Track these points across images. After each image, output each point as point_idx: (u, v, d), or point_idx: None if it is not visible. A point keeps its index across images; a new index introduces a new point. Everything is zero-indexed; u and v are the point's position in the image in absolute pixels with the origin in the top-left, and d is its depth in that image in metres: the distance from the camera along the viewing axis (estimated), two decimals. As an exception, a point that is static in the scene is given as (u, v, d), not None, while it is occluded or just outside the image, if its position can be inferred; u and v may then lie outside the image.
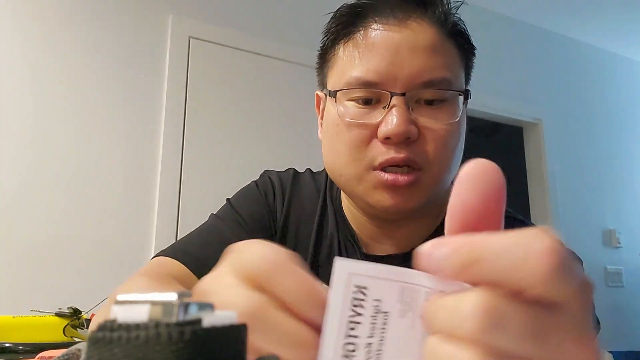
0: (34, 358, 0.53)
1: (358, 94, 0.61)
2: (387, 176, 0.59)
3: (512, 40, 3.22)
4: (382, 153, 0.59)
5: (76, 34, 2.01)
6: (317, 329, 0.24)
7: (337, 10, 0.66)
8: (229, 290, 0.25)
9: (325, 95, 0.67)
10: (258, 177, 0.78)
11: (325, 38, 0.67)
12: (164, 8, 2.19)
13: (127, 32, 2.10)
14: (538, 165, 3.17)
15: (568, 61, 3.45)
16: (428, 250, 0.23)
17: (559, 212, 3.07)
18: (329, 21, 0.67)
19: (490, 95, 2.99)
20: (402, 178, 0.59)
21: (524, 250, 0.20)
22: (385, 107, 0.59)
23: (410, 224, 0.66)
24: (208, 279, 0.27)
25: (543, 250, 0.20)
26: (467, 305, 0.21)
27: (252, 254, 0.25)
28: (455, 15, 0.64)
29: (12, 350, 0.83)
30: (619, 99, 3.62)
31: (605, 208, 3.34)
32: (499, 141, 4.16)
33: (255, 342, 0.23)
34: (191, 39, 2.23)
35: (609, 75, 3.62)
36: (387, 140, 0.59)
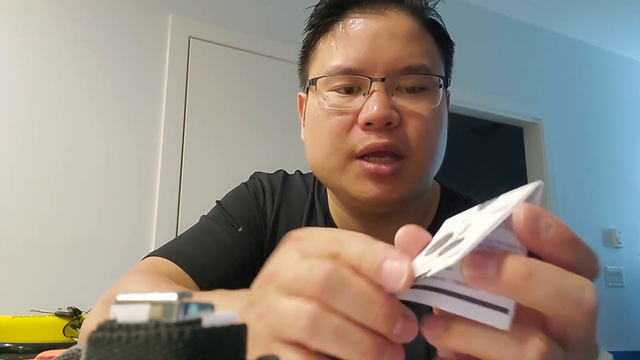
0: (34, 358, 0.53)
1: (338, 82, 0.61)
2: (369, 165, 0.58)
3: (513, 40, 3.22)
4: (363, 139, 0.59)
5: (76, 34, 2.01)
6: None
7: (317, 5, 0.67)
8: (301, 263, 0.26)
9: (307, 91, 0.67)
10: (248, 179, 0.78)
11: (307, 34, 0.68)
12: (164, 8, 2.19)
13: (126, 31, 2.10)
14: (538, 165, 3.17)
15: (568, 61, 3.44)
16: (534, 212, 0.24)
17: (559, 212, 3.07)
18: (310, 16, 0.68)
19: (490, 95, 2.99)
20: (385, 167, 0.58)
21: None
22: (365, 94, 0.60)
23: (396, 222, 0.66)
24: (275, 259, 0.29)
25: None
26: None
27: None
28: (433, 10, 0.65)
29: (12, 350, 0.83)
30: (619, 98, 3.62)
31: (605, 208, 3.34)
32: (499, 141, 4.15)
33: (332, 303, 0.25)
34: (191, 39, 2.22)
35: (609, 75, 3.62)
36: (368, 126, 0.58)
